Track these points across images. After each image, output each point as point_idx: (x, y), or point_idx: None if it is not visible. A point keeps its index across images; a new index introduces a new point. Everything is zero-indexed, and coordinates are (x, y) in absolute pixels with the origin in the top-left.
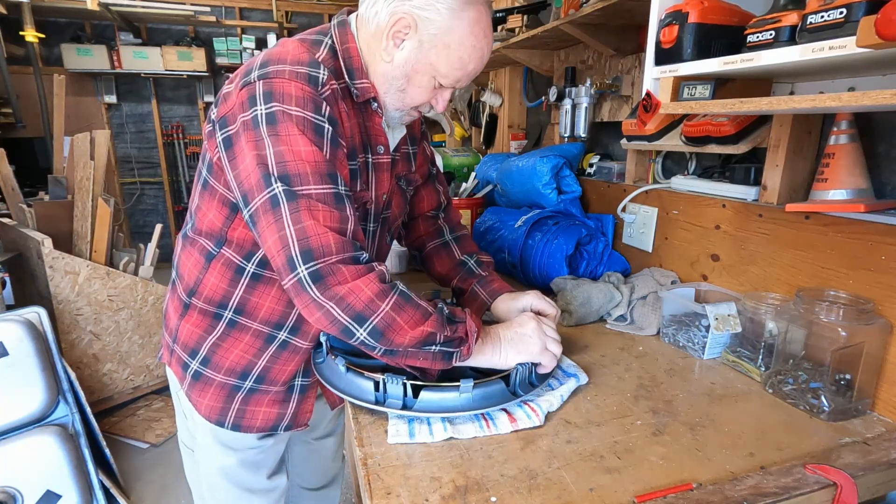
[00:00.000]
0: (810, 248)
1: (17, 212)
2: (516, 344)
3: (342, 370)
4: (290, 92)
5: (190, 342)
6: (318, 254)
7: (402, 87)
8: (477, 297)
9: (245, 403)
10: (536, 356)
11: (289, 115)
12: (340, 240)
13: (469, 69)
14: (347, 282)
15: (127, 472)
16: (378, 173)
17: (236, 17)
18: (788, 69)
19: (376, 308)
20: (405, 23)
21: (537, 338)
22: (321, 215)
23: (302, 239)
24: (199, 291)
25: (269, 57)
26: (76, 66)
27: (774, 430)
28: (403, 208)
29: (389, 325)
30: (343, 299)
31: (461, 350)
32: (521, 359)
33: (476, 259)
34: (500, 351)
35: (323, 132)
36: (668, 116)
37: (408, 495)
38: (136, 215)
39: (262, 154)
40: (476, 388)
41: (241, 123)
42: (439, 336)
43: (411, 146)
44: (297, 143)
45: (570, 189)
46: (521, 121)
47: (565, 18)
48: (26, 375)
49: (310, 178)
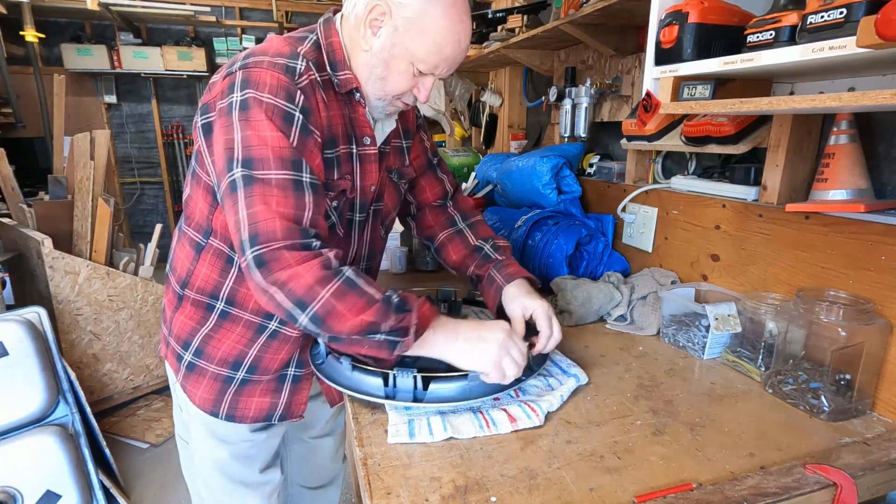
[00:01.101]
0: (810, 248)
1: (17, 212)
2: (473, 346)
3: (348, 369)
4: (265, 80)
5: (183, 334)
6: (263, 238)
7: (381, 74)
8: (493, 281)
9: (238, 394)
10: (486, 366)
11: (259, 102)
12: (288, 226)
13: (446, 53)
14: (290, 267)
15: (127, 472)
16: (364, 164)
17: (236, 17)
18: (788, 69)
19: (316, 294)
20: (380, 10)
21: (496, 349)
22: (274, 201)
23: (252, 224)
24: (192, 283)
25: (254, 50)
26: (76, 66)
27: (774, 430)
28: (397, 201)
29: (329, 312)
30: (285, 284)
31: (404, 341)
32: (468, 364)
33: (493, 243)
34: (452, 347)
35: (292, 119)
36: (668, 116)
37: (408, 495)
38: (136, 215)
39: (231, 138)
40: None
41: (218, 110)
42: (383, 325)
43: (405, 140)
44: (264, 128)
45: (570, 189)
46: (521, 121)
47: (565, 18)
48: (26, 375)
49: (271, 162)
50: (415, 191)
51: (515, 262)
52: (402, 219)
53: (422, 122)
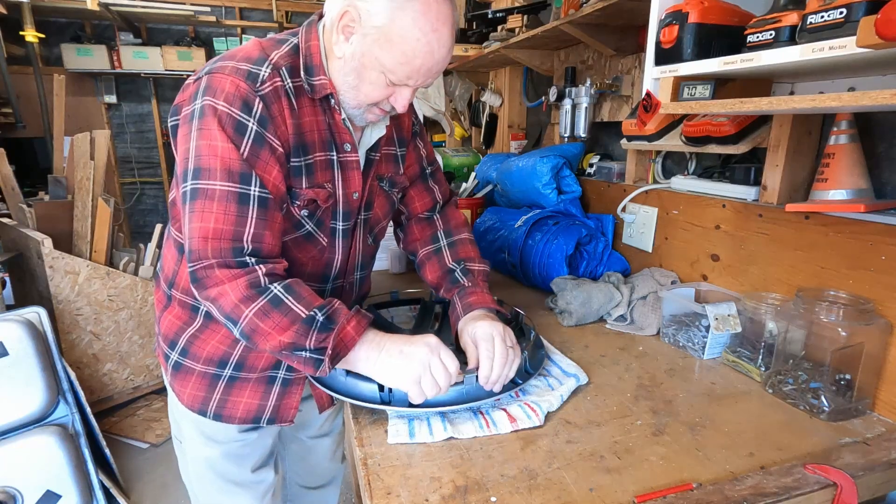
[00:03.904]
0: (810, 248)
1: (17, 212)
2: (395, 361)
3: (342, 375)
4: (224, 87)
5: (170, 333)
6: (195, 256)
7: (353, 83)
8: (454, 309)
9: (227, 393)
10: (406, 383)
11: (213, 110)
12: (218, 244)
13: (416, 64)
14: (220, 284)
15: (127, 472)
16: (346, 171)
17: (236, 17)
18: (788, 69)
19: (241, 313)
20: (350, 16)
21: (416, 365)
22: (213, 217)
23: (190, 238)
24: (177, 283)
25: (226, 54)
26: (76, 66)
27: (774, 430)
28: (389, 210)
29: (255, 331)
30: (215, 301)
31: (324, 361)
32: (390, 381)
33: (463, 267)
34: (375, 363)
35: (245, 130)
36: (668, 116)
37: (408, 495)
38: (136, 215)
39: (187, 147)
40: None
41: (182, 116)
42: (306, 343)
43: (399, 147)
44: (214, 137)
45: (570, 189)
46: (521, 121)
47: (565, 18)
48: (26, 375)
49: (217, 173)
50: (405, 200)
51: (480, 290)
52: (393, 229)
53: (418, 130)
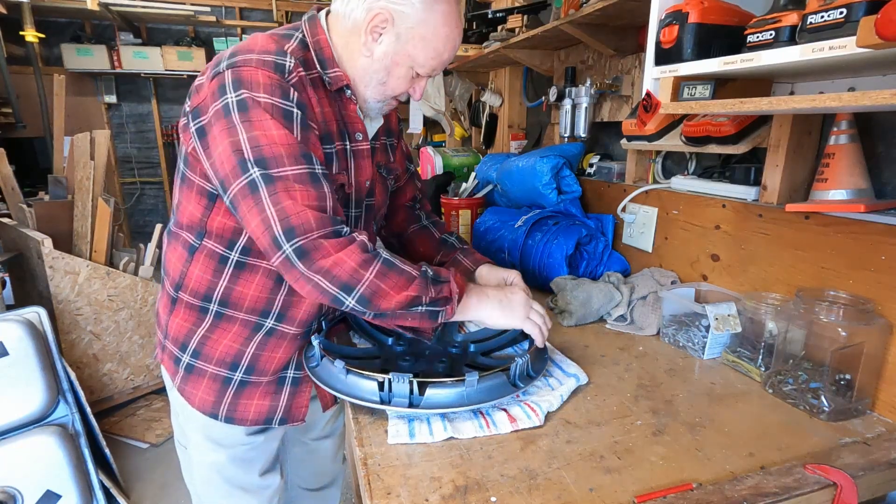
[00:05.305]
0: (810, 248)
1: (17, 212)
2: (504, 307)
3: (342, 373)
4: (258, 79)
5: (180, 336)
6: (299, 231)
7: (382, 79)
8: (459, 264)
9: (238, 396)
10: (519, 322)
11: (257, 102)
12: (319, 216)
13: (444, 58)
14: (331, 255)
15: (127, 472)
16: (358, 160)
17: (236, 17)
18: (788, 69)
19: (361, 277)
20: (382, 17)
21: (524, 306)
22: (298, 195)
23: (283, 219)
24: (185, 284)
25: (238, 48)
26: (76, 66)
27: (774, 430)
28: (386, 197)
29: (375, 293)
30: (329, 272)
31: (446, 310)
32: (505, 322)
33: (456, 236)
34: (487, 308)
35: (292, 116)
36: (668, 116)
37: (408, 495)
38: (136, 215)
39: (236, 140)
40: (480, 381)
41: (214, 112)
42: (424, 298)
43: (388, 138)
44: (269, 127)
45: (570, 189)
46: (521, 121)
47: (565, 18)
48: (26, 375)
49: (285, 160)
50: (396, 191)
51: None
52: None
53: (401, 125)
